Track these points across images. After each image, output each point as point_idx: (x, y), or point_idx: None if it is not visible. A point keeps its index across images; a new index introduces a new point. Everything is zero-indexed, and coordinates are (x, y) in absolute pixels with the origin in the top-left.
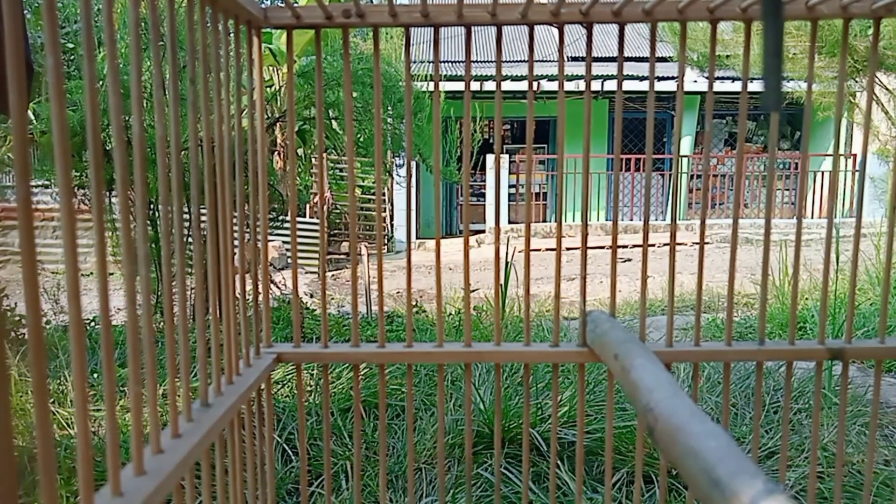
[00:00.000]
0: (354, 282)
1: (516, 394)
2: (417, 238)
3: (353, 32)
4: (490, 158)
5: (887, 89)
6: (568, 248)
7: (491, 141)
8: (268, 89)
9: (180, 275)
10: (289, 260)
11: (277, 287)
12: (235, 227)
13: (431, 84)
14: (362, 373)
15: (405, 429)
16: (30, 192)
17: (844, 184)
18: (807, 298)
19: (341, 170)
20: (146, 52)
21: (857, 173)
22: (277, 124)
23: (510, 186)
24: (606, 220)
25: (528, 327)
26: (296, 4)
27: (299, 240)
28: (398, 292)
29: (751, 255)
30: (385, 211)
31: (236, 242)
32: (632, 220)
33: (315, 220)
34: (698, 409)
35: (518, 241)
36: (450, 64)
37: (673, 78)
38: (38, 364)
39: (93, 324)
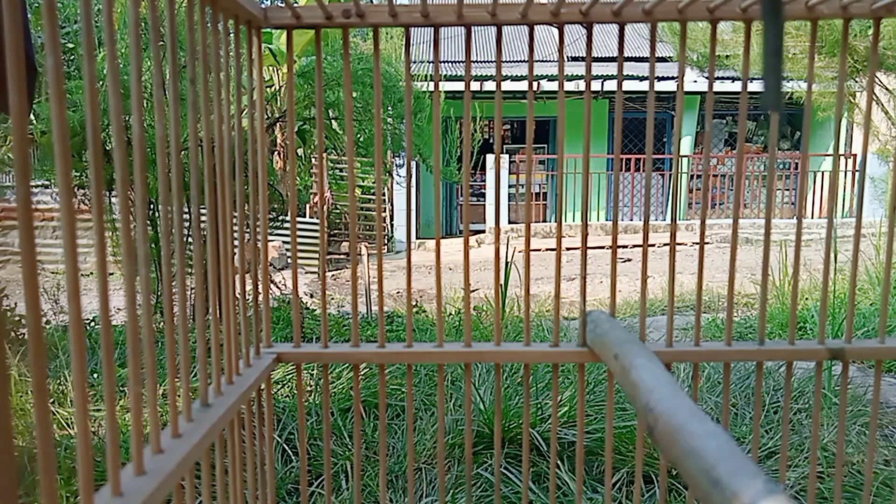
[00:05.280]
0: (354, 282)
1: (516, 394)
2: (417, 238)
3: (353, 32)
4: (490, 158)
5: (887, 89)
6: (568, 248)
7: (491, 141)
8: (268, 89)
9: (180, 275)
10: (289, 260)
11: (277, 287)
12: (235, 227)
13: (431, 84)
14: (362, 373)
15: (405, 429)
16: (30, 192)
17: (844, 184)
18: (807, 298)
19: (341, 170)
20: (146, 52)
21: (857, 173)
22: (277, 124)
23: (510, 186)
24: (606, 220)
25: (528, 327)
26: (296, 4)
27: (299, 240)
28: (398, 292)
29: (751, 255)
30: (385, 211)
31: (236, 242)
32: (632, 220)
33: (315, 220)
34: (698, 409)
35: (518, 241)
36: (450, 64)
37: (673, 78)
38: (38, 364)
39: (93, 324)
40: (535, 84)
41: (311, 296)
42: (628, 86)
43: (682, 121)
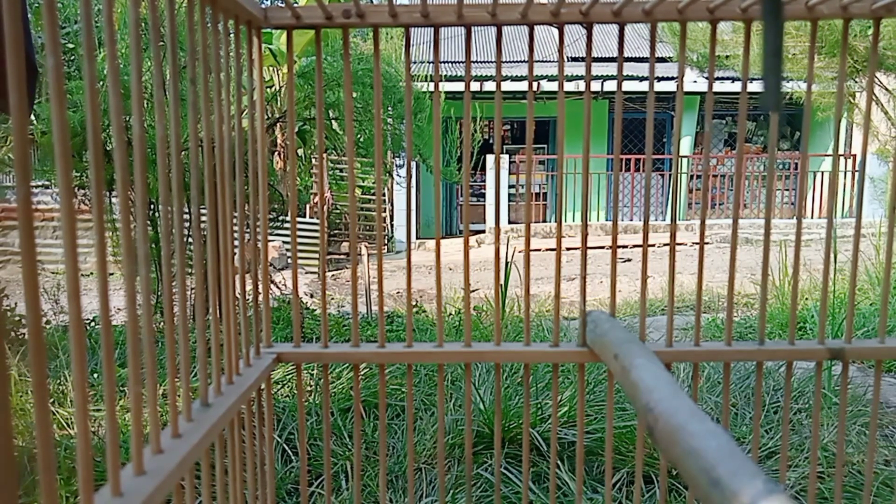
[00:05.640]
0: (354, 282)
1: (516, 394)
2: (417, 238)
3: (353, 32)
4: (490, 158)
5: (887, 89)
6: (568, 248)
7: (491, 141)
8: (268, 89)
9: (180, 275)
10: (289, 260)
11: (277, 287)
12: (235, 227)
13: (431, 84)
14: (362, 373)
15: (405, 429)
16: (30, 192)
17: (844, 184)
18: (807, 298)
19: (341, 170)
20: (146, 52)
21: (856, 173)
22: (277, 124)
23: (510, 186)
24: (606, 220)
25: (528, 327)
26: (296, 4)
27: (299, 240)
28: (398, 292)
29: (751, 255)
30: (385, 211)
31: (236, 242)
32: (632, 220)
33: (315, 220)
34: (698, 409)
35: (518, 241)
36: (450, 64)
37: (673, 78)
38: (38, 364)
39: (93, 324)
40: (535, 84)
41: (311, 296)
42: (628, 86)
43: (682, 121)
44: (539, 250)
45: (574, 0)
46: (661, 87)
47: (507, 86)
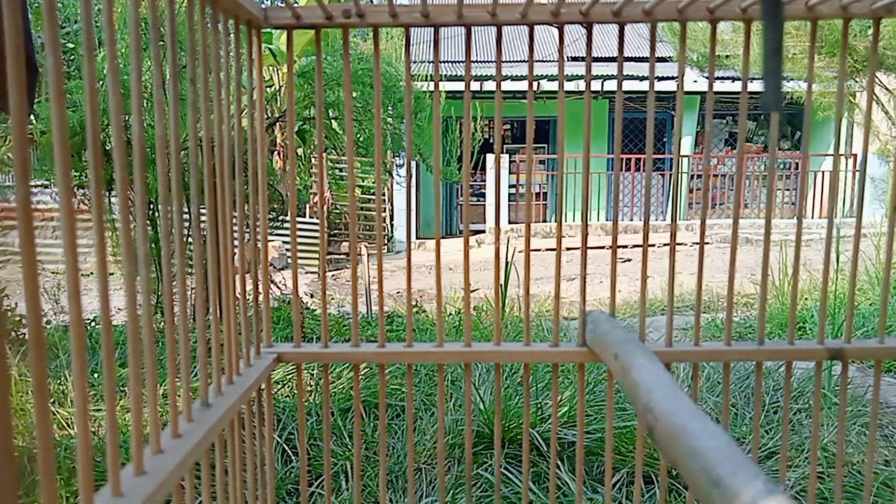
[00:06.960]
0: (354, 282)
1: (516, 394)
2: (417, 238)
3: (353, 32)
4: (490, 158)
5: (887, 89)
6: (568, 248)
7: (491, 141)
8: (268, 89)
9: (180, 275)
10: (289, 260)
11: (277, 287)
12: (235, 227)
13: (431, 84)
14: (362, 373)
15: (405, 429)
16: (30, 192)
17: (844, 184)
18: (807, 298)
19: (341, 170)
20: (146, 52)
21: (857, 173)
22: (277, 124)
23: (510, 186)
24: (606, 220)
25: (528, 327)
26: (296, 4)
27: (299, 240)
28: (398, 292)
29: (751, 255)
30: (385, 211)
31: (236, 242)
32: (632, 220)
33: (315, 220)
34: (698, 409)
35: (518, 241)
36: (450, 64)
37: (673, 78)
38: (38, 364)
39: (93, 324)
40: (535, 84)
41: (311, 296)
42: (628, 86)
43: (682, 121)
44: (539, 250)
45: (574, 0)
46: (661, 86)
47: (507, 85)
